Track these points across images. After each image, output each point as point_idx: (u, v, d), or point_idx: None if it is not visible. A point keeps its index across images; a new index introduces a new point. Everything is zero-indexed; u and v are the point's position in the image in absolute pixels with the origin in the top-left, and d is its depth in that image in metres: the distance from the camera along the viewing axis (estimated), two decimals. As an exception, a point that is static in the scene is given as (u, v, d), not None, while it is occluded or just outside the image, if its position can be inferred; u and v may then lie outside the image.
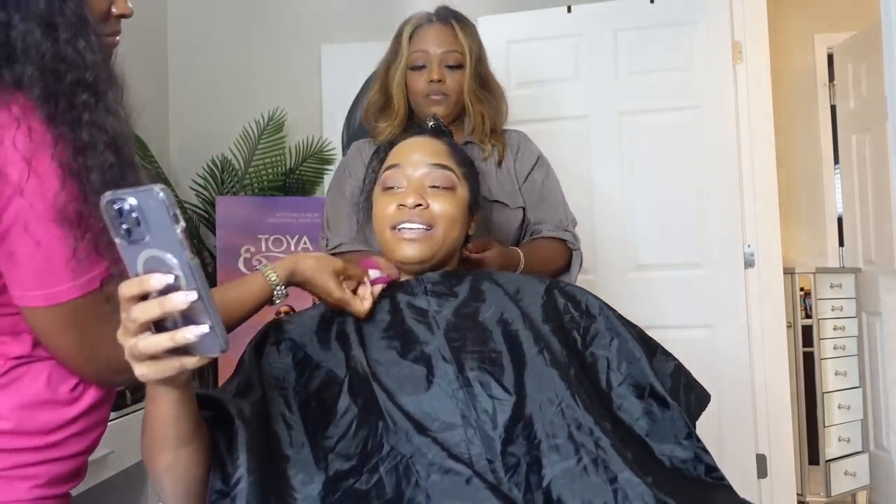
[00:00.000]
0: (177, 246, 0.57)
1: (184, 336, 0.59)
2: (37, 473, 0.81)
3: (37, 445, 0.81)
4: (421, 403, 0.85)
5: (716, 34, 2.44)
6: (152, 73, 3.01)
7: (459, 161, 1.09)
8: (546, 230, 1.47)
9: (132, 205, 0.57)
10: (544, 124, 2.47)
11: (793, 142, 3.31)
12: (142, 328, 0.60)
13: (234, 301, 0.94)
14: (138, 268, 0.59)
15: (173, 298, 0.58)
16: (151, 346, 0.60)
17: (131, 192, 0.57)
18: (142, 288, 0.58)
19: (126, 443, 1.78)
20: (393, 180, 1.05)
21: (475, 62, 1.45)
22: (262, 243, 2.62)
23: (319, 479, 0.80)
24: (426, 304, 0.98)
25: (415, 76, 1.44)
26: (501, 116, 1.51)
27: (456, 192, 1.05)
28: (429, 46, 1.43)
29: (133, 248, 0.58)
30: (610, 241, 2.50)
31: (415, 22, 1.46)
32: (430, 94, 1.43)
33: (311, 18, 3.06)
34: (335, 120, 2.99)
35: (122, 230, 0.58)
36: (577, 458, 0.80)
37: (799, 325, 2.84)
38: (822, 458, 2.77)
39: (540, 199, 1.50)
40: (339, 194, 1.48)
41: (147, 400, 0.72)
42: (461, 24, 1.45)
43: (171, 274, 0.58)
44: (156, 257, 0.58)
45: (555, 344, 0.93)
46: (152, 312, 0.58)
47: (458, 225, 1.04)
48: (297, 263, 0.98)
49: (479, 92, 1.46)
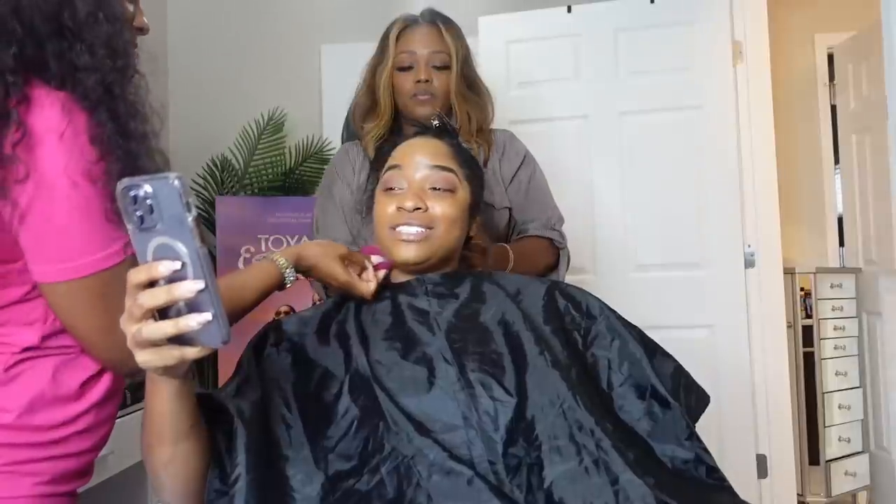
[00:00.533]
0: (187, 234, 0.58)
1: (187, 324, 0.59)
2: (41, 470, 0.81)
3: (40, 441, 0.81)
4: (422, 404, 0.85)
5: (716, 34, 2.44)
6: (152, 73, 3.00)
7: (462, 162, 1.08)
8: (533, 229, 1.48)
9: (147, 192, 0.58)
10: (544, 124, 2.48)
11: (793, 142, 3.31)
12: (146, 315, 0.61)
13: (241, 286, 0.95)
14: (148, 255, 0.60)
15: (181, 286, 0.59)
16: (155, 332, 0.61)
17: (147, 180, 0.58)
18: (150, 274, 0.59)
19: (126, 443, 1.77)
20: (393, 181, 1.05)
21: (461, 63, 1.46)
22: (261, 243, 2.62)
23: (319, 480, 0.80)
24: (427, 306, 0.98)
25: (402, 77, 1.45)
26: (488, 116, 1.52)
27: (456, 194, 1.05)
28: (416, 47, 1.44)
29: (144, 235, 0.60)
30: (610, 241, 2.50)
31: (401, 24, 1.47)
32: (416, 94, 1.44)
33: (311, 18, 3.06)
34: (335, 120, 2.98)
35: (136, 217, 0.59)
36: (578, 458, 0.80)
37: (799, 325, 2.84)
38: (823, 458, 2.77)
39: (526, 199, 1.51)
40: (328, 199, 1.48)
41: (147, 395, 0.73)
42: (447, 26, 1.47)
43: (179, 261, 0.59)
44: (166, 245, 0.59)
45: (556, 345, 0.93)
46: (159, 299, 0.59)
47: (457, 227, 1.04)
48: (303, 250, 1.02)
49: (465, 92, 1.47)
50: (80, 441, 0.85)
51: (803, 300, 3.06)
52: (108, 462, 1.73)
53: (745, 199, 2.43)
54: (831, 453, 2.80)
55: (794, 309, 2.81)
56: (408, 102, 1.45)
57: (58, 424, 0.82)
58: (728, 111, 2.43)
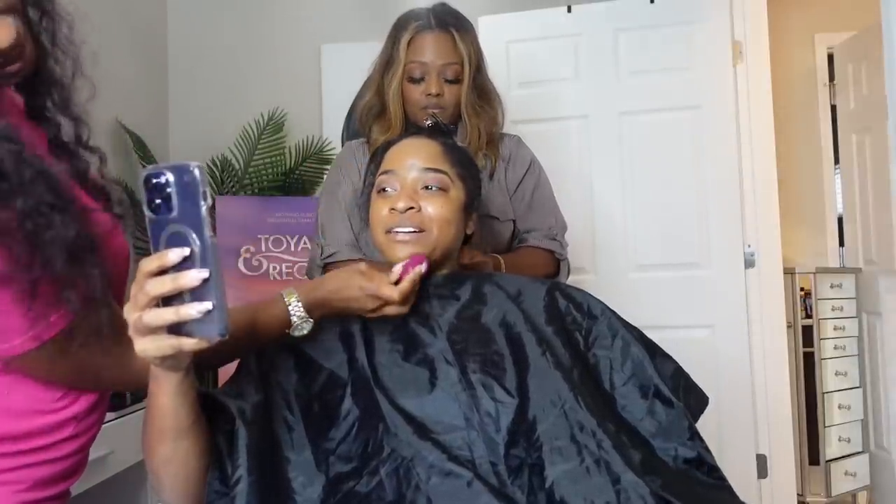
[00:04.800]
0: (200, 223, 0.60)
1: (187, 311, 0.60)
2: (18, 478, 0.78)
3: (13, 451, 0.78)
4: (424, 406, 0.85)
5: (716, 34, 2.44)
6: (152, 73, 3.01)
7: (454, 161, 1.08)
8: (532, 239, 1.46)
9: (168, 180, 0.60)
10: (544, 124, 2.48)
11: (793, 142, 3.31)
12: (150, 303, 0.62)
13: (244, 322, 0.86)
14: (161, 244, 0.61)
15: (187, 275, 0.60)
16: (155, 318, 0.62)
17: (168, 167, 0.60)
18: (161, 262, 0.61)
19: (126, 443, 1.78)
20: (386, 184, 1.05)
21: (474, 72, 1.42)
22: (261, 243, 2.62)
23: (320, 482, 0.80)
24: (428, 308, 0.98)
25: (412, 88, 1.41)
26: (498, 126, 1.49)
27: (449, 194, 1.04)
28: (427, 58, 1.39)
29: (160, 223, 0.61)
30: (610, 241, 2.50)
31: (413, 29, 1.41)
32: (427, 106, 1.40)
33: (311, 18, 3.06)
34: (335, 120, 2.97)
35: (154, 204, 0.60)
36: (579, 459, 0.80)
37: (799, 325, 2.84)
38: (823, 458, 2.77)
39: (529, 207, 1.49)
40: (332, 199, 1.45)
41: (149, 393, 0.74)
42: (461, 32, 1.41)
43: (188, 248, 0.60)
44: (178, 233, 0.60)
45: (558, 346, 0.93)
46: (165, 287, 0.61)
47: (452, 226, 1.04)
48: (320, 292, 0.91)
49: (476, 104, 1.43)
50: (64, 447, 0.82)
51: (803, 300, 3.06)
52: (108, 462, 1.73)
53: (745, 199, 2.43)
54: (831, 453, 2.80)
55: (794, 309, 2.81)
56: (418, 113, 1.42)
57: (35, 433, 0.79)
58: (728, 111, 2.43)
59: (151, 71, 3.00)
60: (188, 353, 0.66)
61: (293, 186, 2.88)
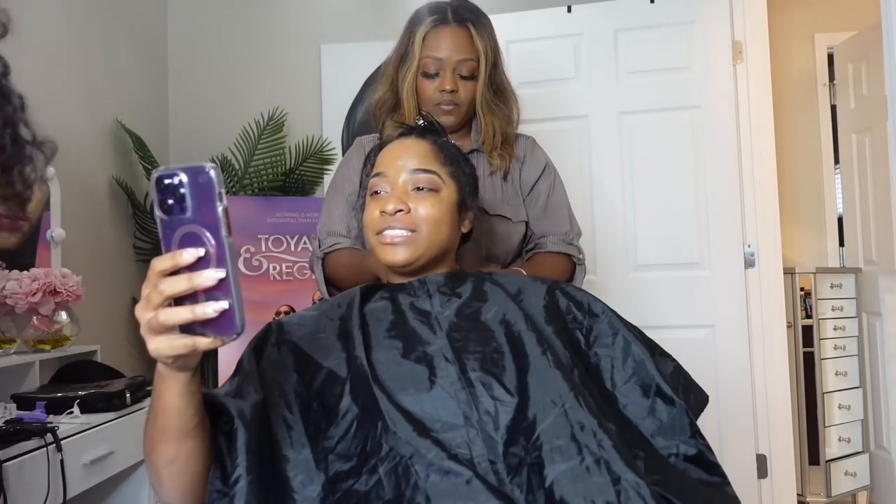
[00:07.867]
0: (216, 224, 0.60)
1: (203, 311, 0.60)
2: None
3: None
4: (423, 404, 0.85)
5: (716, 34, 2.45)
6: (152, 73, 3.01)
7: (445, 160, 1.07)
8: (550, 244, 1.44)
9: (181, 181, 0.59)
10: (545, 124, 2.48)
11: (793, 142, 3.31)
12: (164, 302, 0.61)
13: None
14: (174, 244, 0.61)
15: (203, 274, 0.59)
16: (171, 317, 0.61)
17: (182, 168, 0.59)
18: (174, 262, 0.60)
19: (126, 443, 1.78)
20: (378, 186, 1.05)
21: (490, 68, 1.40)
22: (262, 243, 2.62)
23: (319, 481, 0.80)
24: (429, 306, 0.98)
25: (426, 83, 1.39)
26: (513, 125, 1.47)
27: (441, 194, 1.04)
28: (442, 52, 1.37)
29: (173, 224, 0.60)
30: (610, 241, 2.50)
31: (429, 23, 1.39)
32: (441, 103, 1.38)
33: (311, 18, 3.06)
34: (335, 120, 2.99)
35: (167, 205, 0.60)
36: (579, 458, 0.80)
37: (799, 325, 2.84)
38: (823, 458, 2.77)
39: (544, 211, 1.46)
40: (339, 192, 1.44)
41: (154, 392, 0.73)
42: (478, 27, 1.39)
43: (203, 249, 0.60)
44: (192, 234, 0.60)
45: (558, 345, 0.93)
46: (180, 286, 0.60)
47: (444, 226, 1.04)
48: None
49: (491, 101, 1.41)
50: None
51: (803, 300, 3.06)
52: (108, 462, 1.72)
53: (745, 199, 2.43)
54: (831, 453, 2.80)
55: (794, 309, 2.81)
56: (431, 109, 1.39)
57: None
58: (728, 111, 2.44)
59: (151, 71, 3.00)
60: (199, 353, 0.65)
61: (293, 186, 2.88)
